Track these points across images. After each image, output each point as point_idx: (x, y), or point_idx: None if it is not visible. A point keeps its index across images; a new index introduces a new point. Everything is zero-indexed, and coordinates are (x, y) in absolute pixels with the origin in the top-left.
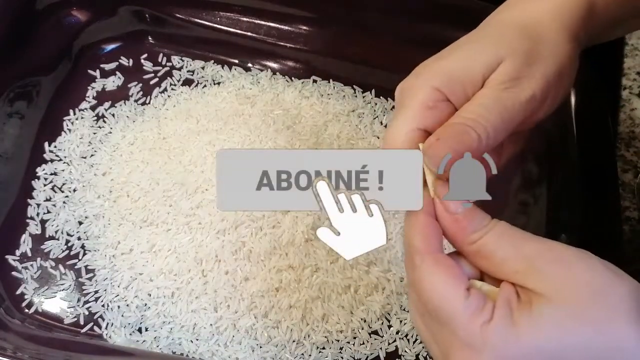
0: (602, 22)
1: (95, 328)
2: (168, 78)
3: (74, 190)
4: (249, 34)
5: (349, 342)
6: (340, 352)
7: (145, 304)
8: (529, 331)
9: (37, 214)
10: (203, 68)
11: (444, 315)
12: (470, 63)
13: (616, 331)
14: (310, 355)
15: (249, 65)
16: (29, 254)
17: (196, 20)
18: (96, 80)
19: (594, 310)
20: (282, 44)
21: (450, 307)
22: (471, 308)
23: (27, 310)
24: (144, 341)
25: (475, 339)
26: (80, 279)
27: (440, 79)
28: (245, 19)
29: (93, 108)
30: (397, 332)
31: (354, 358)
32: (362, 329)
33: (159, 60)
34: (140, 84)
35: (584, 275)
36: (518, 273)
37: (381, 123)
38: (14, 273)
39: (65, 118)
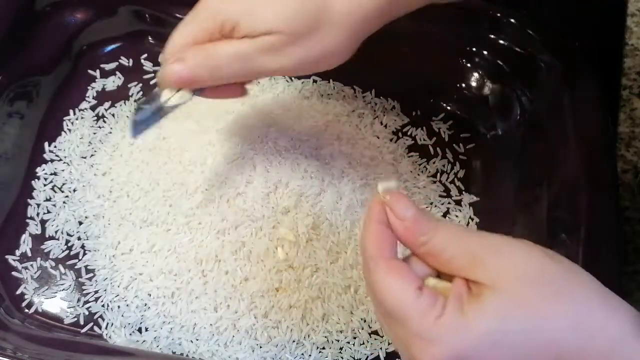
0: None
1: (95, 328)
2: None
3: (74, 190)
4: None
5: (349, 342)
6: (340, 352)
7: (145, 304)
8: (477, 320)
9: (37, 214)
10: None
11: (398, 314)
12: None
13: (546, 310)
14: (310, 355)
15: None
16: (29, 254)
17: None
18: (96, 80)
19: (527, 294)
20: None
21: (403, 306)
22: (423, 305)
23: (27, 310)
24: (144, 341)
25: (430, 332)
26: (80, 279)
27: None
28: None
29: (93, 108)
30: None
31: (354, 358)
32: (362, 329)
33: (159, 60)
34: (140, 84)
35: (521, 263)
36: (465, 268)
37: (381, 123)
38: (14, 273)
39: (65, 118)
